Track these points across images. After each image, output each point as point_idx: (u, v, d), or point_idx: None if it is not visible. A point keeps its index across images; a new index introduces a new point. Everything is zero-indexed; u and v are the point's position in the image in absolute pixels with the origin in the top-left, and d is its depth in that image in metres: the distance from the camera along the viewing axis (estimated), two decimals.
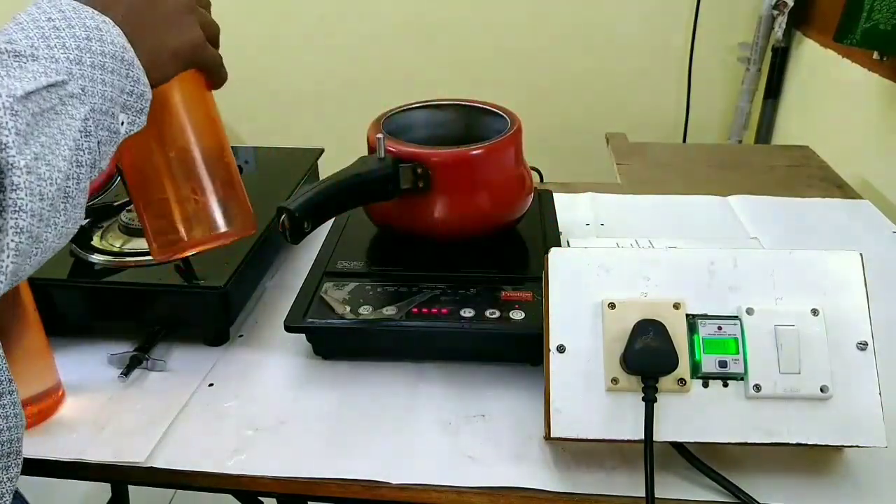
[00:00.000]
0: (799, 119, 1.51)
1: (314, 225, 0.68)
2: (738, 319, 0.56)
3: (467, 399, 0.66)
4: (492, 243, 0.80)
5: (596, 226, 0.97)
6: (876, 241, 0.93)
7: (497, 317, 0.68)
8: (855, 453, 0.59)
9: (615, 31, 1.73)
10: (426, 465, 0.59)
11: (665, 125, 1.79)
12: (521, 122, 0.80)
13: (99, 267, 0.75)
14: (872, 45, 1.08)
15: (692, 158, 1.27)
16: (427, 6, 1.79)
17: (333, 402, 0.67)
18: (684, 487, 0.57)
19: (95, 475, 0.61)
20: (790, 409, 0.55)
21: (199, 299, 0.72)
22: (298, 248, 0.86)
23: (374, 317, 0.68)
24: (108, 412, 0.65)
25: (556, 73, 1.79)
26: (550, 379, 0.56)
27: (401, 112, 0.85)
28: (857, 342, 0.55)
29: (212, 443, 0.62)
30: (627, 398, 0.56)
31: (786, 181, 1.13)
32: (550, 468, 0.59)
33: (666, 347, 0.54)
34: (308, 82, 1.94)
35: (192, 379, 0.70)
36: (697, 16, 1.65)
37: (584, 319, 0.57)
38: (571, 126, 1.81)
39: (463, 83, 1.81)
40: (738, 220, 0.99)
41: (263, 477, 0.59)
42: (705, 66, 1.70)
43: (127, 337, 0.74)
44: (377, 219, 0.81)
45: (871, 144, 1.18)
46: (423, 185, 0.73)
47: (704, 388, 0.56)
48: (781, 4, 1.51)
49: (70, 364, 0.71)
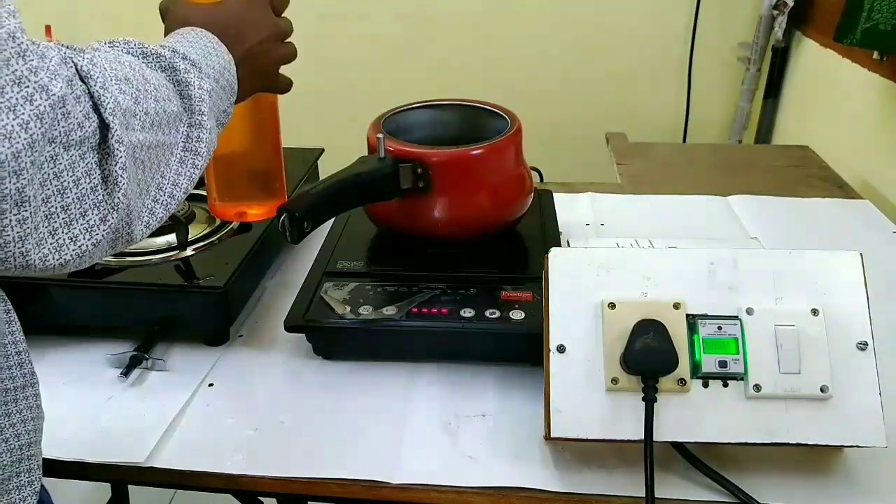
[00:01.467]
0: (799, 119, 1.51)
1: (314, 225, 0.68)
2: (738, 319, 0.56)
3: (467, 399, 0.66)
4: (492, 243, 0.80)
5: (596, 226, 0.97)
6: (876, 241, 0.93)
7: (497, 317, 0.68)
8: (855, 453, 0.59)
9: (615, 31, 1.73)
10: (426, 465, 0.59)
11: (665, 125, 1.79)
12: (521, 122, 0.80)
13: (99, 267, 0.75)
14: (872, 45, 1.08)
15: (692, 158, 1.27)
16: (427, 6, 1.79)
17: (333, 402, 0.67)
18: (684, 487, 0.57)
19: (95, 475, 0.61)
20: (790, 409, 0.55)
21: (199, 299, 0.72)
22: (298, 248, 0.86)
23: (374, 317, 0.68)
24: (108, 412, 0.65)
25: (556, 73, 1.79)
26: (550, 379, 0.56)
27: (401, 112, 0.85)
28: (857, 342, 0.55)
29: (212, 443, 0.62)
30: (627, 398, 0.56)
31: (786, 181, 1.13)
32: (550, 468, 0.59)
33: (666, 347, 0.54)
34: (308, 82, 1.93)
35: (192, 379, 0.70)
36: (697, 16, 1.65)
37: (584, 319, 0.57)
38: (571, 126, 1.80)
39: (463, 83, 1.81)
40: (738, 220, 0.99)
41: (263, 477, 0.59)
42: (705, 66, 1.70)
43: (127, 337, 0.74)
44: (377, 219, 0.81)
45: (871, 144, 1.18)
46: (423, 185, 0.73)
47: (704, 388, 0.55)
48: (781, 4, 1.51)
49: (70, 364, 0.71)
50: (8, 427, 0.44)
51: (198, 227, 0.82)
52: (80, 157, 0.39)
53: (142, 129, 0.44)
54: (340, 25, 1.86)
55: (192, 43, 0.53)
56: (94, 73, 0.40)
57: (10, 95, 0.34)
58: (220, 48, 0.55)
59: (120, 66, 0.44)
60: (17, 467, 0.45)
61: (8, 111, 0.34)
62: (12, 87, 0.34)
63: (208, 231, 0.81)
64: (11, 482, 0.45)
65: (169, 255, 0.76)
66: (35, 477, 0.46)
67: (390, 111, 0.84)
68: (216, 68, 0.53)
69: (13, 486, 0.45)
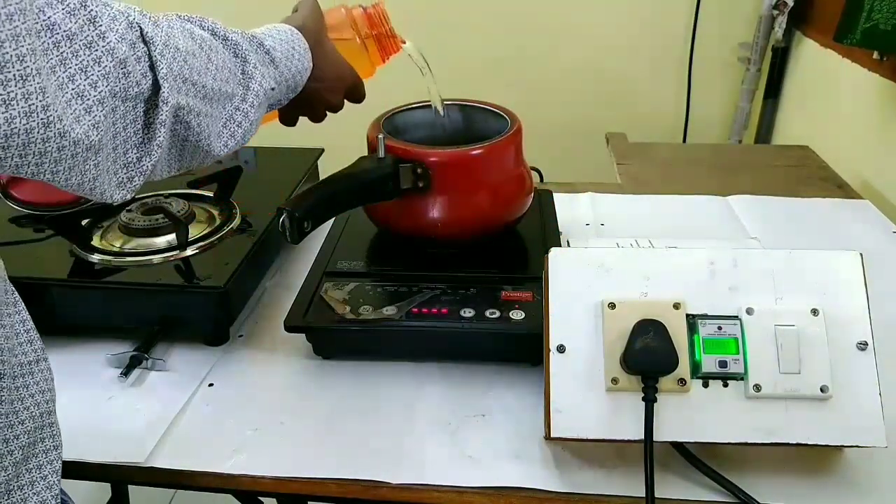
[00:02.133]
0: (799, 119, 1.51)
1: (314, 225, 0.68)
2: (738, 319, 0.56)
3: (467, 399, 0.66)
4: (492, 243, 0.80)
5: (596, 226, 0.97)
6: (876, 241, 0.93)
7: (497, 317, 0.68)
8: (855, 453, 0.59)
9: (615, 31, 1.73)
10: (426, 465, 0.59)
11: (665, 125, 1.79)
12: (520, 122, 0.80)
13: (99, 267, 0.75)
14: (872, 45, 1.08)
15: (692, 158, 1.27)
16: (427, 6, 1.79)
17: (333, 402, 0.67)
18: (684, 487, 0.57)
19: (95, 475, 0.61)
20: (790, 409, 0.55)
21: (199, 299, 0.72)
22: (298, 248, 0.86)
23: (374, 317, 0.68)
24: (108, 412, 0.66)
25: (556, 72, 1.79)
26: (550, 379, 0.56)
27: (401, 112, 0.85)
28: (857, 342, 0.55)
29: (212, 443, 0.62)
30: (627, 398, 0.56)
31: (786, 181, 1.13)
32: (550, 468, 0.59)
33: (666, 347, 0.54)
34: None
35: (192, 379, 0.70)
36: (697, 16, 1.65)
37: (584, 319, 0.57)
38: (571, 126, 1.80)
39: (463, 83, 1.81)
40: (738, 220, 0.99)
41: (263, 477, 0.59)
42: (705, 66, 1.70)
43: (127, 337, 0.74)
44: (377, 219, 0.81)
45: (871, 144, 1.18)
46: (423, 184, 0.73)
47: (704, 388, 0.56)
48: (781, 4, 1.51)
49: (70, 364, 0.71)
50: (27, 397, 0.48)
51: (198, 227, 0.82)
52: (132, 107, 0.46)
53: (192, 96, 0.50)
54: None
55: (282, 41, 0.62)
56: (156, 39, 0.46)
57: (82, 57, 0.41)
58: (306, 55, 0.64)
59: (183, 37, 0.50)
60: (41, 433, 0.48)
61: (80, 72, 0.41)
62: (84, 51, 0.41)
63: (208, 231, 0.81)
64: (37, 447, 0.48)
65: (169, 255, 0.76)
66: (58, 442, 0.50)
67: (390, 111, 0.84)
68: (291, 70, 0.63)
69: (39, 449, 0.48)
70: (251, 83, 0.57)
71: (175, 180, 0.93)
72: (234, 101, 0.56)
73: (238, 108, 0.57)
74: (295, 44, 0.64)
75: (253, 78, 0.58)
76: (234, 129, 0.56)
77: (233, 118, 0.56)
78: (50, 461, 0.49)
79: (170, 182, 0.92)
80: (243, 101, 0.57)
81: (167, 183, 0.91)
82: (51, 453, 0.49)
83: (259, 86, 0.58)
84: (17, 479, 0.47)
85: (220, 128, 0.55)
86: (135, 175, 0.48)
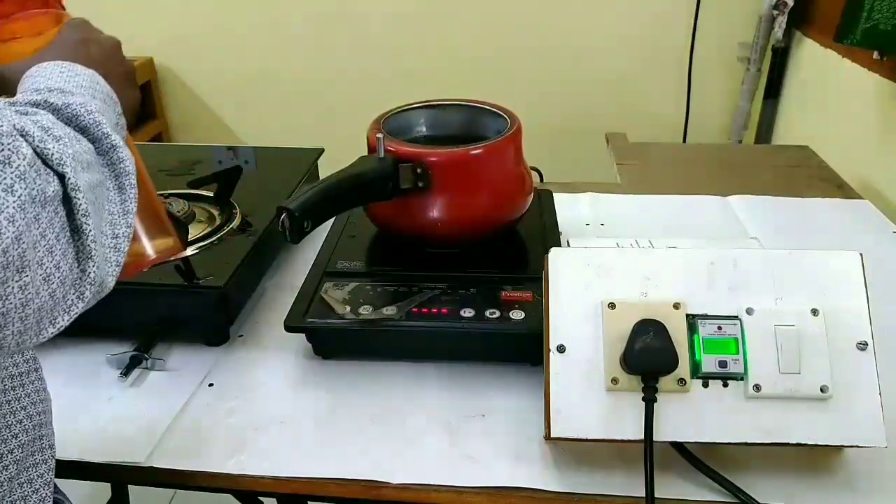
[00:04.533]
0: (799, 119, 1.51)
1: (314, 225, 0.68)
2: (738, 319, 0.56)
3: (467, 399, 0.66)
4: (492, 243, 0.80)
5: (596, 226, 0.97)
6: (876, 241, 0.93)
7: (497, 317, 0.68)
8: (855, 453, 0.59)
9: (615, 31, 1.73)
10: (426, 465, 0.59)
11: (665, 125, 1.79)
12: (520, 122, 0.80)
13: None
14: (872, 45, 1.08)
15: (692, 158, 1.27)
16: (427, 6, 1.79)
17: (333, 401, 0.67)
18: (684, 487, 0.57)
19: (95, 475, 0.61)
20: (790, 409, 0.55)
21: (199, 299, 0.72)
22: (298, 248, 0.86)
23: (374, 317, 0.68)
24: (108, 412, 0.66)
25: (556, 73, 1.79)
26: (550, 379, 0.56)
27: (401, 112, 0.85)
28: (857, 342, 0.55)
29: (212, 443, 0.62)
30: (627, 398, 0.56)
31: (786, 181, 1.13)
32: (550, 468, 0.59)
33: (666, 347, 0.54)
34: (308, 82, 1.94)
35: (192, 379, 0.70)
36: (697, 16, 1.66)
37: (584, 319, 0.57)
38: (571, 126, 1.81)
39: (463, 83, 1.81)
40: (738, 220, 0.99)
41: (263, 477, 0.59)
42: (705, 66, 1.71)
43: (127, 337, 0.74)
44: (377, 219, 0.81)
45: (871, 144, 1.18)
46: (422, 184, 0.73)
47: (704, 388, 0.55)
48: (781, 4, 1.51)
49: (70, 364, 0.71)
50: (20, 409, 0.47)
51: (198, 227, 0.82)
52: (54, 211, 0.39)
53: (83, 170, 0.42)
54: (341, 25, 1.86)
55: (47, 76, 0.49)
56: (29, 130, 0.39)
57: None
58: (74, 66, 0.52)
59: (36, 118, 0.42)
60: (33, 446, 0.48)
61: None
62: None
63: (208, 231, 0.81)
64: (28, 460, 0.48)
65: None
66: (48, 456, 0.49)
67: (390, 111, 0.84)
68: (84, 85, 0.50)
69: (30, 463, 0.48)
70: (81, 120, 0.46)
71: (175, 180, 0.93)
72: (97, 146, 0.46)
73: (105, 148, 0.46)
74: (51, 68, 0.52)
75: (79, 116, 0.46)
76: (122, 167, 0.47)
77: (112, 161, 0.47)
78: (40, 474, 0.48)
79: (170, 182, 0.92)
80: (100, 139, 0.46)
81: (167, 183, 0.91)
82: (40, 467, 0.49)
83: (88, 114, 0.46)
84: (10, 495, 0.46)
85: (114, 180, 0.47)
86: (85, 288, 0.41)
